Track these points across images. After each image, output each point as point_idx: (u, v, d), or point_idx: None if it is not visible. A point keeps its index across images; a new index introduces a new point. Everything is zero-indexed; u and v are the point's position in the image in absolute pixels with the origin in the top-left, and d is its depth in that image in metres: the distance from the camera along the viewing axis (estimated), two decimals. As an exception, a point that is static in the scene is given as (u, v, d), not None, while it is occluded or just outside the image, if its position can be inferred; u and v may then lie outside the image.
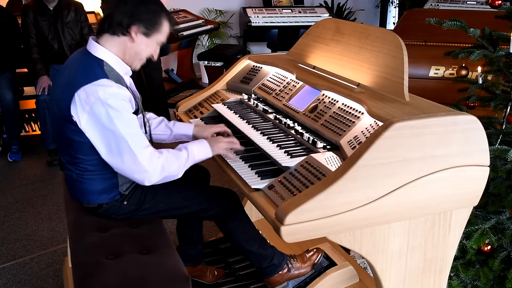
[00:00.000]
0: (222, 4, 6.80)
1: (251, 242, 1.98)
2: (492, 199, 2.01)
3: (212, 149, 1.83)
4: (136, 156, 1.65)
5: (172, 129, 2.07)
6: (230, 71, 2.66)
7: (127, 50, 1.75)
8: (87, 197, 1.81)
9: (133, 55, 1.77)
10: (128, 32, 1.72)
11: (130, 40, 1.73)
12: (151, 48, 1.78)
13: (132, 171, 1.67)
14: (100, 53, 1.73)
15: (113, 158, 1.67)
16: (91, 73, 1.67)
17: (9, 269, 2.68)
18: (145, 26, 1.72)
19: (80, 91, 1.64)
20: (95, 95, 1.62)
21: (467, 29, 2.13)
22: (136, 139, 1.66)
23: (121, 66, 1.77)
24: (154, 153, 1.70)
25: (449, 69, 3.74)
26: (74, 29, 4.04)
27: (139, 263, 1.64)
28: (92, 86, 1.63)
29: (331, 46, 2.25)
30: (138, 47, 1.75)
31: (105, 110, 1.62)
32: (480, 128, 1.59)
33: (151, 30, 1.74)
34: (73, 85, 1.66)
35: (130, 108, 1.70)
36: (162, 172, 1.70)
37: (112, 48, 1.74)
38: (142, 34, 1.73)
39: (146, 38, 1.75)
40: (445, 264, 1.78)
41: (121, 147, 1.65)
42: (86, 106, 1.63)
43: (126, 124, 1.65)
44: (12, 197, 3.52)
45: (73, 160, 1.76)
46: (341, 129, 1.82)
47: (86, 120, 1.65)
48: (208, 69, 6.22)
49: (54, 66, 4.07)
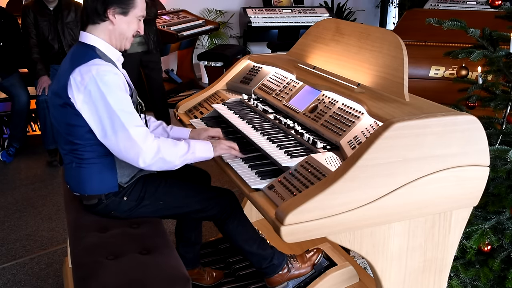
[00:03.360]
0: (222, 4, 6.80)
1: (251, 243, 1.98)
2: (492, 199, 2.01)
3: (214, 150, 1.84)
4: (129, 133, 1.68)
5: (169, 133, 2.09)
6: (230, 71, 2.66)
7: (112, 33, 1.81)
8: (86, 188, 1.82)
9: (118, 36, 1.83)
10: (106, 16, 1.78)
11: (110, 23, 1.79)
12: (133, 25, 1.84)
13: (126, 149, 1.69)
14: (90, 40, 1.80)
15: (108, 137, 1.70)
16: (85, 56, 1.74)
17: (9, 269, 2.68)
18: (119, 6, 1.78)
19: (75, 73, 1.69)
20: (89, 75, 1.68)
21: (467, 29, 2.13)
22: (129, 116, 1.70)
23: (112, 52, 1.83)
24: (150, 134, 1.73)
25: (449, 69, 3.74)
26: (74, 29, 4.04)
27: (139, 264, 1.64)
28: (86, 66, 1.70)
29: (331, 46, 2.26)
30: (120, 27, 1.81)
31: (97, 87, 1.67)
32: (480, 128, 1.59)
33: (126, 8, 1.80)
34: (68, 69, 1.72)
35: (123, 87, 1.74)
36: (157, 153, 1.70)
37: (98, 35, 1.80)
38: (119, 14, 1.79)
39: (125, 17, 1.80)
40: (445, 264, 1.78)
41: (114, 124, 1.68)
42: (81, 86, 1.69)
43: (118, 101, 1.69)
44: (12, 197, 3.52)
45: (72, 148, 1.79)
46: (341, 129, 1.82)
47: (81, 100, 1.69)
48: (208, 69, 6.22)
49: (54, 66, 4.07)
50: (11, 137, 4.15)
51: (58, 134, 1.85)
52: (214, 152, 1.84)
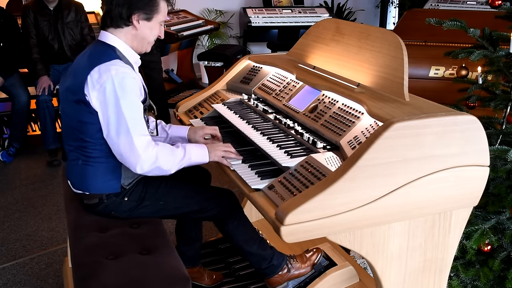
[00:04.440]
0: (222, 4, 6.80)
1: (250, 243, 1.98)
2: (492, 199, 2.01)
3: (209, 155, 1.85)
4: (133, 140, 1.69)
5: (168, 132, 2.10)
6: (230, 71, 2.66)
7: (134, 38, 1.82)
8: (89, 186, 1.82)
9: (140, 41, 1.84)
10: (130, 22, 1.78)
11: (133, 28, 1.80)
12: (155, 30, 1.85)
13: (127, 154, 1.71)
14: (111, 41, 1.80)
15: (112, 138, 1.72)
16: (105, 55, 1.74)
17: (9, 269, 2.68)
18: (144, 12, 1.78)
19: (94, 71, 1.70)
20: (108, 74, 1.69)
21: (467, 29, 2.13)
22: (136, 124, 1.71)
23: (131, 55, 1.84)
24: (151, 142, 1.74)
25: (449, 69, 3.74)
26: (74, 29, 4.04)
27: (139, 264, 1.64)
28: (105, 66, 1.70)
29: (331, 46, 2.25)
30: (142, 32, 1.82)
31: (113, 88, 1.68)
32: (480, 128, 1.59)
33: (151, 14, 1.80)
34: (86, 67, 1.72)
35: (138, 93, 1.76)
36: (155, 162, 1.73)
37: (120, 37, 1.81)
38: (143, 20, 1.80)
39: (148, 22, 1.81)
40: (445, 264, 1.78)
41: (120, 127, 1.69)
42: (97, 84, 1.70)
43: (130, 107, 1.70)
44: (12, 197, 3.52)
45: (80, 145, 1.79)
46: (341, 129, 1.82)
47: (95, 97, 1.71)
48: (208, 69, 6.22)
49: (54, 66, 4.08)
50: (11, 137, 4.15)
51: (66, 130, 1.85)
52: (210, 157, 1.85)
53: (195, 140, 2.05)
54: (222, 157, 1.86)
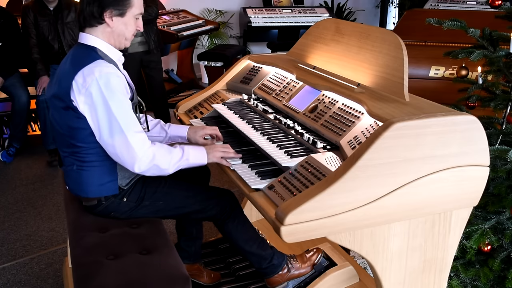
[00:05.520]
0: (222, 4, 6.80)
1: (250, 243, 1.98)
2: (492, 199, 2.01)
3: (208, 157, 1.84)
4: (127, 138, 1.68)
5: (167, 131, 2.09)
6: (230, 71, 2.66)
7: (110, 35, 1.80)
8: (87, 190, 1.81)
9: (117, 37, 1.81)
10: (102, 19, 1.76)
11: (107, 26, 1.78)
12: (130, 25, 1.82)
13: (123, 154, 1.69)
14: (91, 41, 1.78)
15: (106, 140, 1.70)
16: (87, 57, 1.72)
17: (9, 269, 2.68)
18: (115, 8, 1.76)
19: (78, 76, 1.68)
20: (92, 77, 1.67)
21: (467, 29, 2.13)
22: (128, 122, 1.70)
23: (113, 52, 1.82)
24: (147, 140, 1.73)
25: (449, 69, 3.74)
26: (74, 29, 4.04)
27: (139, 264, 1.64)
28: (88, 68, 1.69)
29: (331, 46, 2.25)
30: (118, 29, 1.79)
31: (100, 90, 1.67)
32: (480, 128, 1.59)
33: (123, 9, 1.78)
34: (70, 72, 1.71)
35: (124, 91, 1.73)
36: (152, 161, 1.72)
37: (98, 36, 1.79)
38: (116, 16, 1.77)
39: (122, 18, 1.79)
40: (445, 264, 1.78)
41: (113, 128, 1.68)
42: (82, 89, 1.68)
43: (119, 106, 1.69)
44: (12, 197, 3.52)
45: (73, 151, 1.78)
46: (341, 129, 1.82)
47: (83, 101, 1.69)
48: (208, 69, 6.22)
49: (54, 66, 4.07)
50: (11, 137, 4.15)
51: (58, 136, 1.84)
52: (208, 159, 1.84)
53: (195, 140, 2.05)
54: (221, 157, 1.85)
